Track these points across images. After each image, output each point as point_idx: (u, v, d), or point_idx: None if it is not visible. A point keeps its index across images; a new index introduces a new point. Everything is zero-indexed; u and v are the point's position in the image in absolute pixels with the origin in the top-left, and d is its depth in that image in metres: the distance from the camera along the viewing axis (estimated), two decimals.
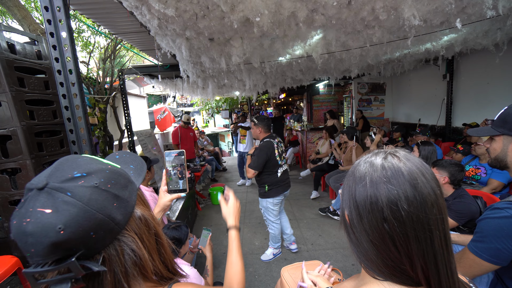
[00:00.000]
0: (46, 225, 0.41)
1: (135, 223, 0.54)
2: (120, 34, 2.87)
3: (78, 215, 0.43)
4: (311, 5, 1.89)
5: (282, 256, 3.07)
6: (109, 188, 0.49)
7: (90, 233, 0.45)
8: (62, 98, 1.25)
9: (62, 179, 0.45)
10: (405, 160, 0.52)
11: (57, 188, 0.44)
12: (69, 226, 0.42)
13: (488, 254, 0.91)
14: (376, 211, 0.49)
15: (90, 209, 0.45)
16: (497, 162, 1.03)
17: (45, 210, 0.42)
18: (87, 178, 0.47)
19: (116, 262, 0.49)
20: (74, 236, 0.43)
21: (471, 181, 2.91)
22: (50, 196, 0.43)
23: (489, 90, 4.12)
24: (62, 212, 0.42)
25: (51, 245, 0.41)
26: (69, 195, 0.44)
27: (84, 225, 0.44)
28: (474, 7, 1.96)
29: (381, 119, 7.50)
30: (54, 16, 1.19)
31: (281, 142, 2.77)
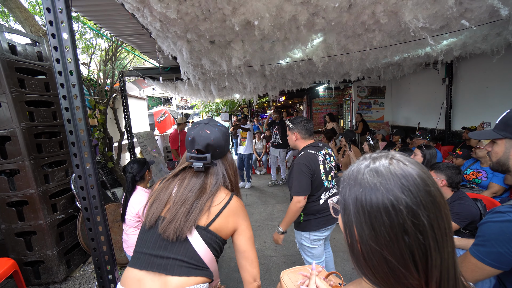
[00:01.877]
0: (208, 135, 1.01)
1: (228, 158, 1.11)
2: (121, 36, 2.88)
3: (219, 137, 1.03)
4: (312, 9, 1.90)
5: (282, 260, 3.05)
6: (226, 134, 1.07)
7: (217, 148, 1.03)
8: (62, 99, 1.25)
9: (214, 124, 1.06)
10: (409, 163, 0.49)
11: (213, 125, 1.05)
12: (215, 139, 1.01)
13: (491, 258, 0.90)
14: (396, 224, 0.44)
15: (222, 138, 1.04)
16: (499, 165, 1.03)
17: (207, 131, 1.02)
18: (221, 127, 1.07)
19: (220, 166, 1.06)
20: (215, 144, 1.02)
21: (472, 185, 2.90)
22: (210, 127, 1.04)
23: (488, 94, 4.14)
24: (214, 133, 1.02)
25: (206, 144, 1.00)
26: (216, 129, 1.04)
27: (219, 142, 1.03)
28: (473, 12, 1.97)
29: (381, 122, 7.52)
30: (56, 18, 1.19)
31: (330, 154, 2.01)
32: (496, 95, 4.00)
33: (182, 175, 1.04)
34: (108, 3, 1.82)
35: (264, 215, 4.35)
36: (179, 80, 4.84)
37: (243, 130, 5.78)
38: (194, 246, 0.92)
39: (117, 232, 2.82)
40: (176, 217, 0.92)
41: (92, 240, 1.40)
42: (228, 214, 0.98)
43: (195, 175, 1.02)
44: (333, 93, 8.74)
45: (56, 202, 2.53)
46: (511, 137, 0.95)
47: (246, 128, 5.74)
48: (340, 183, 0.57)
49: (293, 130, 1.97)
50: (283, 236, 1.97)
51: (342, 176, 0.57)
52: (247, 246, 1.01)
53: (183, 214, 0.92)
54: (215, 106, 11.62)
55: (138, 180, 2.17)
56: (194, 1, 1.59)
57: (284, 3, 1.75)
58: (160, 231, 0.92)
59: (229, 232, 0.99)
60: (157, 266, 0.90)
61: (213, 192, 0.99)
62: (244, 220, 1.02)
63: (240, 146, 5.88)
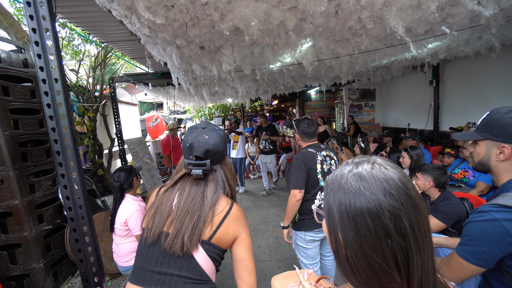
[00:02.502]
0: (207, 141, 0.98)
1: (226, 162, 1.09)
2: (110, 42, 2.85)
3: (218, 142, 1.00)
4: (300, 14, 1.92)
5: (276, 264, 3.03)
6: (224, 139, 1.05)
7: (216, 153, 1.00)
8: (46, 108, 1.22)
9: (211, 128, 1.03)
10: (390, 168, 0.50)
11: (211, 130, 1.02)
12: (214, 145, 0.98)
13: (475, 257, 0.92)
14: (380, 228, 0.44)
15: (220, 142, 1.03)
16: (481, 166, 1.05)
17: (205, 136, 0.98)
18: (219, 131, 1.04)
19: (219, 172, 1.04)
20: (214, 150, 0.99)
21: (460, 184, 2.96)
22: (208, 131, 1.00)
23: (473, 95, 4.26)
24: (213, 138, 0.99)
25: (206, 151, 0.97)
26: (215, 134, 1.00)
27: (218, 147, 1.00)
28: (454, 17, 2.04)
29: (372, 124, 7.63)
30: (40, 25, 1.18)
31: (331, 157, 2.05)
32: (480, 95, 4.12)
33: (181, 184, 1.01)
34: (96, 10, 1.80)
35: (258, 219, 4.33)
36: (170, 86, 4.82)
37: (236, 134, 5.76)
38: (198, 261, 0.91)
39: (107, 242, 2.76)
40: (180, 232, 0.89)
41: (79, 251, 1.37)
42: (228, 224, 0.96)
43: (195, 183, 0.99)
44: (324, 96, 8.84)
45: (43, 213, 2.46)
46: (491, 138, 0.98)
47: (239, 132, 5.74)
48: (324, 188, 0.57)
49: (296, 132, 2.10)
50: (286, 230, 2.04)
51: (326, 181, 0.58)
52: (246, 255, 0.98)
53: (188, 228, 0.90)
54: (207, 110, 11.59)
55: (126, 188, 2.13)
56: (182, 7, 1.59)
57: (272, 9, 1.77)
58: (164, 246, 0.90)
59: (229, 242, 0.97)
60: (161, 283, 0.88)
61: (214, 200, 0.96)
62: (244, 228, 1.00)
63: (233, 150, 5.84)
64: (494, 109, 1.00)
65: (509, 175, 0.97)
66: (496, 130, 0.96)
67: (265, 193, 5.59)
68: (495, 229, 0.87)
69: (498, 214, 0.88)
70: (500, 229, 0.86)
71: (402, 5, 1.82)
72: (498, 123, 0.96)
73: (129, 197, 2.11)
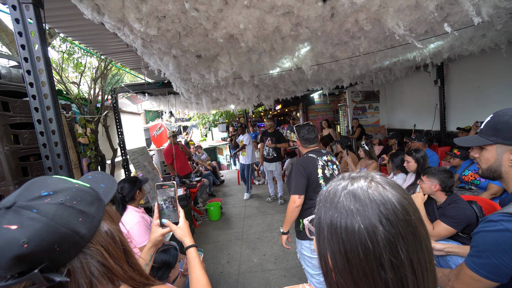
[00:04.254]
0: (10, 239, 0.44)
1: (101, 237, 0.56)
2: (108, 54, 2.88)
3: (42, 229, 0.46)
4: (294, 19, 1.90)
5: (282, 273, 2.95)
6: (75, 204, 0.52)
7: (54, 246, 0.47)
8: (37, 124, 1.22)
9: (30, 198, 0.49)
10: (390, 188, 0.44)
11: (24, 206, 0.47)
12: (33, 240, 0.45)
13: (486, 270, 0.85)
14: (373, 258, 0.40)
15: (55, 223, 0.48)
16: (490, 172, 0.98)
17: (11, 227, 0.45)
18: (54, 196, 0.51)
19: (80, 274, 0.51)
20: (37, 249, 0.45)
21: (471, 186, 2.84)
22: (17, 213, 0.46)
23: (480, 94, 4.14)
24: (27, 228, 0.45)
25: (13, 258, 0.44)
26: (34, 212, 0.47)
27: (48, 239, 0.46)
28: (456, 16, 1.98)
29: (377, 126, 7.51)
30: (28, 41, 1.18)
31: (333, 162, 2.03)
32: (487, 94, 4.00)
33: None
34: (90, 23, 1.81)
35: (263, 226, 4.26)
36: (171, 94, 4.85)
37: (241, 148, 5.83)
38: None
39: None
40: None
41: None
42: None
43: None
44: (328, 99, 8.77)
45: None
46: (503, 142, 0.91)
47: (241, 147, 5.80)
48: (316, 203, 0.52)
49: (297, 138, 2.11)
50: (285, 236, 2.00)
51: (319, 195, 0.53)
52: None
53: None
54: (212, 117, 11.65)
55: (128, 201, 2.11)
56: (173, 17, 1.58)
57: (265, 15, 1.75)
58: None
59: None
60: None
61: None
62: None
63: (241, 156, 5.91)
64: (499, 111, 0.93)
65: None
66: (507, 133, 0.89)
67: (270, 199, 5.50)
68: (507, 240, 0.80)
69: (510, 224, 0.81)
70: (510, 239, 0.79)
71: (399, 6, 1.77)
72: (508, 126, 0.89)
73: (131, 208, 2.09)
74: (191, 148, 7.31)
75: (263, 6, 1.61)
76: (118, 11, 1.45)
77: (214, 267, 3.23)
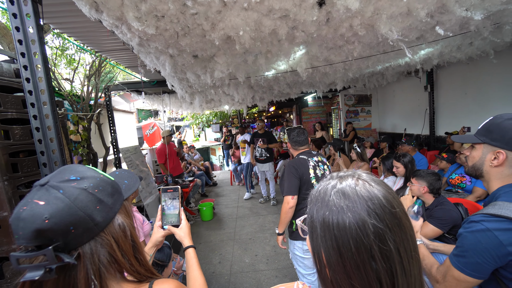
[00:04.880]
0: (36, 213, 0.50)
1: (114, 228, 0.59)
2: (104, 52, 2.86)
3: (63, 209, 0.51)
4: (291, 23, 1.94)
5: (273, 274, 2.98)
6: (96, 192, 0.57)
7: (70, 228, 0.51)
8: (33, 119, 1.21)
9: (60, 180, 0.55)
10: (375, 184, 0.47)
11: (54, 186, 0.53)
12: (53, 217, 0.50)
13: (471, 269, 0.89)
14: (364, 250, 0.42)
15: (75, 206, 0.53)
16: (474, 170, 1.04)
17: (39, 202, 0.51)
18: (80, 182, 0.56)
19: (89, 260, 0.54)
20: (55, 227, 0.50)
21: (457, 189, 2.94)
22: (47, 191, 0.53)
23: (467, 100, 4.29)
24: (51, 205, 0.51)
25: (35, 231, 0.49)
26: (61, 192, 0.53)
27: (66, 219, 0.51)
28: (445, 25, 2.06)
29: (369, 129, 7.65)
30: (26, 36, 1.17)
31: (324, 163, 2.08)
32: (474, 100, 4.15)
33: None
34: (87, 20, 1.80)
35: (255, 227, 4.28)
36: (166, 94, 4.83)
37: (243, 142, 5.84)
38: None
39: None
40: None
41: None
42: None
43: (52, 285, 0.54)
44: (322, 102, 8.88)
45: None
46: (489, 143, 0.96)
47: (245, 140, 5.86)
48: (308, 203, 0.55)
49: (288, 140, 2.17)
50: (281, 237, 2.04)
51: (310, 195, 0.56)
52: None
53: None
54: (205, 117, 11.60)
55: None
56: (172, 17, 1.60)
57: (262, 18, 1.78)
58: None
59: None
60: None
61: None
62: None
63: (242, 156, 6.05)
64: (498, 114, 0.98)
65: (499, 182, 0.96)
66: (495, 134, 0.95)
67: (262, 200, 5.52)
68: (488, 240, 0.85)
69: (490, 224, 0.86)
70: (493, 240, 0.84)
71: (392, 13, 1.83)
72: (498, 128, 0.94)
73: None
74: (184, 148, 7.27)
75: (261, 9, 1.64)
76: (117, 9, 1.45)
77: (206, 267, 3.23)
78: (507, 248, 0.82)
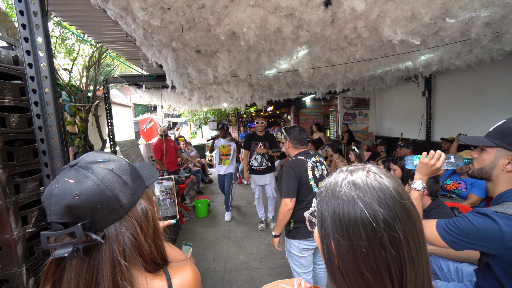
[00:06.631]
0: (67, 190, 0.52)
1: (137, 212, 0.61)
2: (105, 43, 2.82)
3: (92, 187, 0.54)
4: (296, 22, 1.94)
5: (267, 272, 2.98)
6: (122, 174, 0.59)
7: (97, 206, 0.54)
8: (34, 106, 1.19)
9: (88, 161, 0.58)
10: (385, 176, 0.49)
11: (83, 166, 0.56)
12: (83, 194, 0.52)
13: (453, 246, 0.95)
14: (374, 238, 0.43)
15: (102, 184, 0.55)
16: (481, 173, 1.02)
17: (70, 180, 0.54)
18: (107, 164, 0.59)
19: (115, 241, 0.56)
20: (84, 204, 0.52)
21: (452, 195, 2.99)
22: (77, 171, 0.56)
23: (464, 107, 4.35)
24: (81, 183, 0.54)
25: (66, 207, 0.52)
26: (89, 172, 0.56)
27: (94, 197, 0.53)
28: (446, 31, 2.09)
29: (366, 132, 7.72)
30: (30, 21, 1.15)
31: (322, 163, 2.07)
32: (470, 108, 4.21)
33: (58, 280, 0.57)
34: (90, 9, 1.78)
35: (250, 225, 4.28)
36: (165, 88, 4.79)
37: (223, 146, 4.54)
38: None
39: None
40: None
41: None
42: None
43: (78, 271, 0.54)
44: (322, 102, 8.92)
45: (27, 214, 2.36)
46: (505, 147, 0.94)
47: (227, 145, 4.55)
48: (317, 195, 0.56)
49: (286, 139, 2.09)
50: (277, 239, 2.03)
51: (319, 188, 0.56)
52: None
53: None
54: (202, 115, 11.55)
55: None
56: (178, 10, 1.58)
57: (268, 15, 1.78)
58: None
59: None
60: None
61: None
62: None
63: (220, 166, 4.57)
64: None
65: (506, 185, 0.96)
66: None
67: (263, 226, 4.05)
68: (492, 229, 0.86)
69: (498, 217, 0.86)
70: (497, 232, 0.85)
71: (397, 17, 1.85)
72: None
73: None
74: (181, 144, 7.23)
75: (267, 6, 1.64)
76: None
77: (200, 264, 3.22)
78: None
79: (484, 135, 1.02)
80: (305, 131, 2.09)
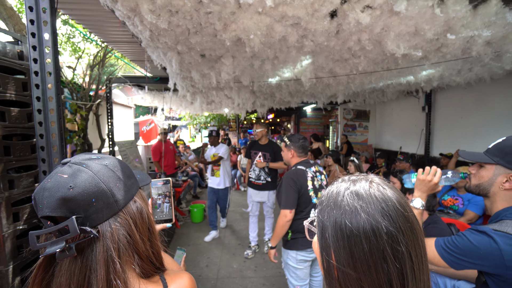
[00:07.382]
0: (61, 183, 0.51)
1: (132, 210, 0.59)
2: (110, 43, 2.84)
3: (87, 180, 0.52)
4: (301, 31, 1.97)
5: (261, 282, 2.93)
6: (116, 170, 0.59)
7: (92, 200, 0.52)
8: (36, 101, 1.19)
9: (82, 158, 0.57)
10: (388, 188, 0.48)
11: (76, 163, 0.55)
12: (78, 187, 0.51)
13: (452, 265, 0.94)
14: (376, 251, 0.42)
15: (97, 177, 0.54)
16: (478, 189, 1.02)
17: (63, 175, 0.52)
18: (101, 160, 0.59)
19: (109, 238, 0.53)
20: (79, 196, 0.50)
21: (449, 211, 2.98)
22: (70, 167, 0.54)
23: (463, 124, 4.39)
24: (75, 176, 0.52)
25: (60, 199, 0.49)
26: (84, 166, 0.54)
27: (89, 190, 0.52)
28: (448, 47, 2.12)
29: (365, 144, 7.74)
30: (38, 17, 1.16)
31: (321, 172, 2.04)
32: (469, 125, 4.24)
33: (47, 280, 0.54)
34: (99, 9, 1.80)
35: (245, 233, 4.22)
36: (167, 91, 4.81)
37: (214, 156, 3.98)
38: None
39: None
40: None
41: None
42: None
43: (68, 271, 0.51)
44: (323, 112, 8.97)
45: (19, 211, 2.32)
46: (504, 165, 0.93)
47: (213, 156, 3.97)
48: (318, 205, 0.55)
49: (290, 147, 2.03)
50: (273, 251, 1.99)
51: (320, 197, 0.55)
52: None
53: None
54: (203, 119, 11.58)
55: None
56: (185, 14, 1.60)
57: (274, 23, 1.80)
58: None
59: None
60: None
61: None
62: None
63: (213, 178, 4.00)
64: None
65: (504, 203, 0.95)
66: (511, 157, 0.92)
67: (250, 253, 3.46)
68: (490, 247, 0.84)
69: (496, 235, 0.85)
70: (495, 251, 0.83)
71: (400, 31, 1.88)
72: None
73: None
74: (180, 147, 7.21)
75: (274, 14, 1.67)
76: (132, 0, 1.45)
77: (192, 269, 3.16)
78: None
79: (483, 152, 1.02)
80: (306, 139, 2.09)
